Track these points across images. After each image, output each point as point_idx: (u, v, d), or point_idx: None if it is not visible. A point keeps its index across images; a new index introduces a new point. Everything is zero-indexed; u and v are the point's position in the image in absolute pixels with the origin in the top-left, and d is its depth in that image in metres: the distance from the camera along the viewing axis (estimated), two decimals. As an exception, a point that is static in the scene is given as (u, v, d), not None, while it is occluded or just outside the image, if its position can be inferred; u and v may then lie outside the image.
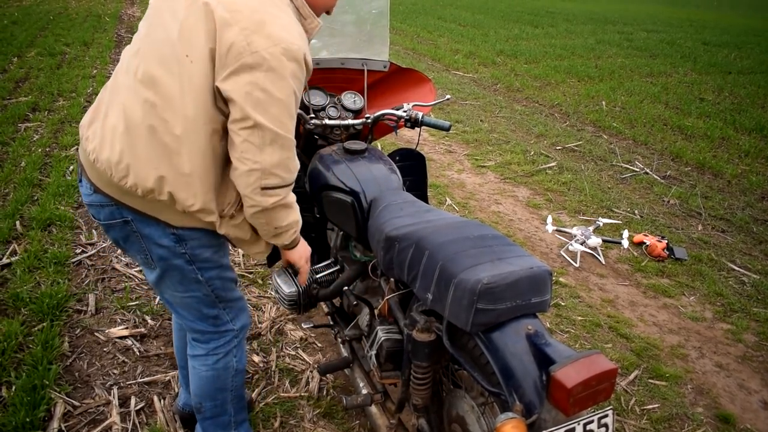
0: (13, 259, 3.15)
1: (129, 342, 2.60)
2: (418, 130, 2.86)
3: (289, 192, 1.48)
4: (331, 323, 2.36)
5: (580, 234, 3.67)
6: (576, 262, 3.52)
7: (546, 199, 4.45)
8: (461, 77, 8.53)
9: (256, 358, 2.55)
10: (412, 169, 2.35)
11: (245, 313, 1.79)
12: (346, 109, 2.27)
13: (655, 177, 5.03)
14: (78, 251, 3.30)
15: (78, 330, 2.67)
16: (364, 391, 2.02)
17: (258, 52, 1.31)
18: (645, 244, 3.74)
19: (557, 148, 5.68)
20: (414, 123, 2.24)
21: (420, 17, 14.29)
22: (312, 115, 2.21)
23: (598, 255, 3.61)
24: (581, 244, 3.60)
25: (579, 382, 1.20)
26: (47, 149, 4.72)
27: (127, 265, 3.20)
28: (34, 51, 8.17)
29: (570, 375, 1.22)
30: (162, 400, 2.28)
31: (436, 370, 1.69)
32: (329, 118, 2.22)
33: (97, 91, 6.40)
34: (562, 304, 3.10)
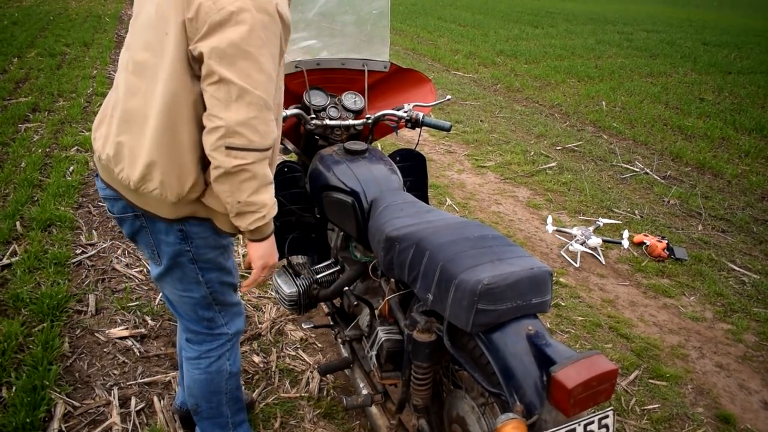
0: (13, 259, 3.15)
1: (129, 342, 2.60)
2: (418, 130, 2.86)
3: (258, 159, 1.34)
4: (331, 324, 2.36)
5: (580, 234, 3.67)
6: (576, 263, 3.52)
7: (546, 200, 4.45)
8: (461, 77, 8.53)
9: (256, 359, 2.55)
10: (413, 169, 2.35)
11: (240, 319, 1.78)
12: (347, 110, 2.27)
13: (655, 177, 5.03)
14: (78, 252, 3.30)
15: (78, 330, 2.67)
16: (365, 391, 2.02)
17: (225, 8, 1.28)
18: (645, 244, 3.74)
19: (557, 148, 5.68)
20: (414, 123, 2.24)
21: (420, 17, 14.29)
22: (313, 115, 2.21)
23: (599, 255, 3.61)
24: (581, 245, 3.60)
25: (579, 383, 1.20)
26: (47, 150, 4.72)
27: (127, 265, 3.20)
28: (34, 51, 8.17)
29: (570, 375, 1.22)
30: (162, 401, 2.28)
31: (436, 370, 1.69)
32: (330, 119, 2.22)
33: (98, 91, 6.41)
34: (563, 304, 3.10)
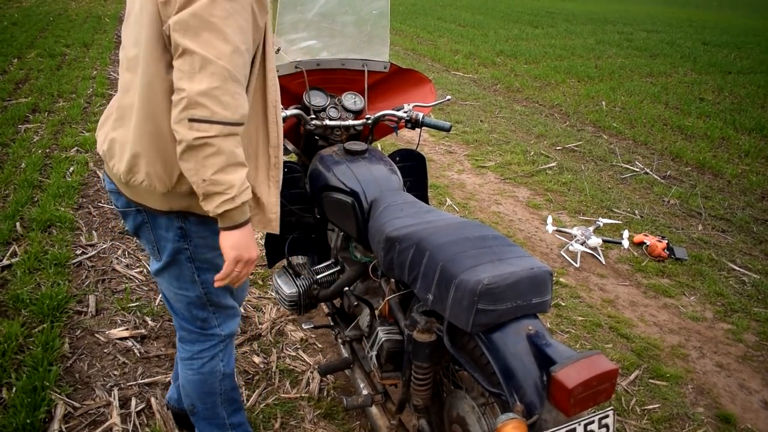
0: (13, 260, 3.15)
1: (129, 343, 2.60)
2: (418, 130, 2.86)
3: (222, 133, 1.27)
4: (331, 324, 2.36)
5: (580, 234, 3.67)
6: (576, 263, 3.52)
7: (546, 200, 4.45)
8: (461, 78, 8.53)
9: (256, 359, 2.55)
10: (413, 169, 2.35)
11: (234, 321, 1.77)
12: (347, 110, 2.27)
13: (655, 177, 5.03)
14: (78, 252, 3.30)
15: (78, 331, 2.67)
16: (365, 391, 2.02)
17: None
18: (645, 244, 3.74)
19: (557, 148, 5.69)
20: (414, 124, 2.24)
21: (420, 18, 14.29)
22: (312, 115, 2.21)
23: (599, 255, 3.61)
24: (581, 245, 3.60)
25: (580, 383, 1.20)
26: (47, 150, 4.72)
27: (127, 266, 3.20)
28: (34, 52, 8.17)
29: (571, 375, 1.22)
30: (157, 401, 2.28)
31: (436, 370, 1.69)
32: (330, 119, 2.22)
33: (98, 92, 6.42)
34: (563, 304, 3.10)
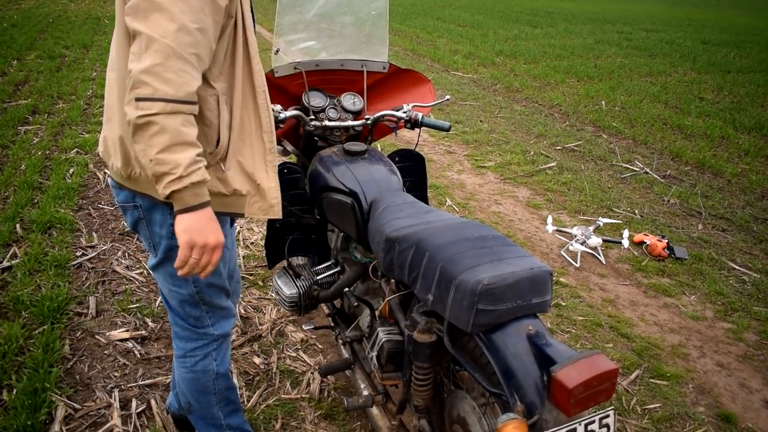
0: (13, 262, 3.15)
1: (130, 344, 2.60)
2: (417, 130, 2.86)
3: (165, 111, 1.25)
4: (331, 325, 2.36)
5: (580, 234, 3.67)
6: (576, 262, 3.52)
7: (546, 199, 4.46)
8: (461, 78, 8.53)
9: (257, 360, 2.55)
10: (412, 169, 2.35)
11: (228, 322, 1.77)
12: (346, 111, 2.27)
13: (655, 176, 5.03)
14: (78, 254, 3.30)
15: (79, 333, 2.67)
16: (365, 392, 2.02)
17: None
18: (645, 243, 3.74)
19: (557, 148, 5.69)
20: (414, 124, 2.24)
21: (419, 18, 14.30)
22: (312, 116, 2.21)
23: (599, 255, 3.61)
24: (581, 244, 3.60)
25: (580, 383, 1.20)
26: (47, 152, 4.72)
27: (127, 267, 3.20)
28: (33, 54, 8.18)
29: (571, 375, 1.22)
30: (157, 403, 2.28)
31: (437, 371, 1.69)
32: (329, 120, 2.22)
33: (97, 93, 6.43)
34: (563, 304, 3.10)
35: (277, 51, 2.22)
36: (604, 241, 3.72)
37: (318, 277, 2.19)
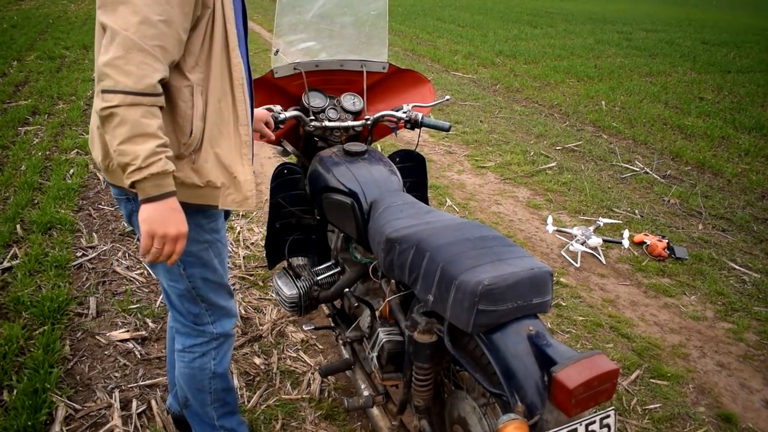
0: (13, 262, 3.15)
1: (130, 345, 2.60)
2: (417, 131, 2.87)
3: (125, 103, 1.26)
4: (332, 325, 2.36)
5: (580, 234, 3.67)
6: (577, 263, 3.52)
7: (546, 200, 4.45)
8: (460, 78, 8.53)
9: (257, 361, 2.55)
10: (412, 170, 2.35)
11: (229, 321, 1.77)
12: (346, 111, 2.27)
13: (655, 176, 5.03)
14: (78, 254, 3.30)
15: (79, 333, 2.67)
16: (366, 392, 2.02)
17: None
18: (645, 243, 3.74)
19: (557, 148, 5.69)
20: (414, 124, 2.24)
21: (419, 18, 14.30)
22: (312, 117, 2.21)
23: (599, 255, 3.61)
24: (582, 244, 3.60)
25: (581, 383, 1.20)
26: (47, 152, 4.72)
27: (127, 268, 3.20)
28: (33, 54, 8.18)
29: (571, 376, 1.22)
30: (157, 404, 2.28)
31: (437, 371, 1.69)
32: (329, 120, 2.22)
33: (97, 94, 6.42)
34: (563, 304, 3.10)
35: (276, 51, 2.22)
36: (604, 241, 3.72)
37: (318, 278, 2.19)
